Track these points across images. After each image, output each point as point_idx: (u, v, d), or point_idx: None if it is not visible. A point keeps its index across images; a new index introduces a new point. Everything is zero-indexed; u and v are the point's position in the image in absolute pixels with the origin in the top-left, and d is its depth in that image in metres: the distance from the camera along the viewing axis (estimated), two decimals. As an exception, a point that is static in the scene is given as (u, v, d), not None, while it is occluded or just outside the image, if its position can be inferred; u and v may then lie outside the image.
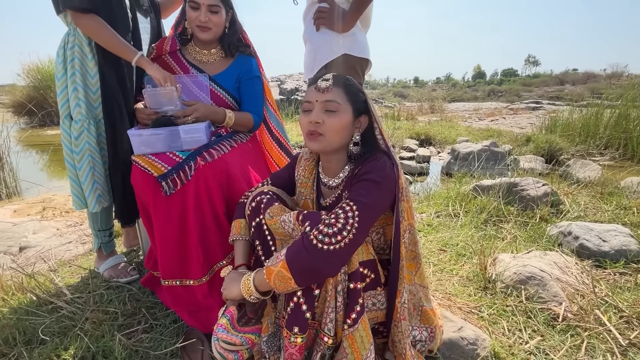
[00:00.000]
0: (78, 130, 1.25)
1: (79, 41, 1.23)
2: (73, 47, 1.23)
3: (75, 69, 1.22)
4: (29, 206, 2.74)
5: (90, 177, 1.27)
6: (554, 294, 1.26)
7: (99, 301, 1.27)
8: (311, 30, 1.37)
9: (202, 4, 1.29)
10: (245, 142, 1.42)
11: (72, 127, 1.25)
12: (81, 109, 1.24)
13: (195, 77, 1.38)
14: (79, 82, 1.23)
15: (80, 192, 1.31)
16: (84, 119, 1.25)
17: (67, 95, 1.25)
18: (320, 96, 0.86)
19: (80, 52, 1.23)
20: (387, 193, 0.81)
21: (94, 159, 1.28)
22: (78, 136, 1.25)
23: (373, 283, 0.85)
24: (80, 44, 1.23)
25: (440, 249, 1.80)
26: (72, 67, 1.22)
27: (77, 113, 1.25)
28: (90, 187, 1.28)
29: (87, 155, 1.26)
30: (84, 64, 1.24)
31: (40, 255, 1.84)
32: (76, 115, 1.25)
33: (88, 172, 1.27)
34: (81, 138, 1.25)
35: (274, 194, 0.99)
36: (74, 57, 1.22)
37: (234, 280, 0.86)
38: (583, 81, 25.35)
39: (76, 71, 1.22)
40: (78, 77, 1.23)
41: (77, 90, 1.23)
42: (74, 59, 1.22)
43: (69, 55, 1.23)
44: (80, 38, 1.23)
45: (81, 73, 1.23)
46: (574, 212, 2.19)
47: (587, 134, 4.96)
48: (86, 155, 1.26)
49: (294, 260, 0.73)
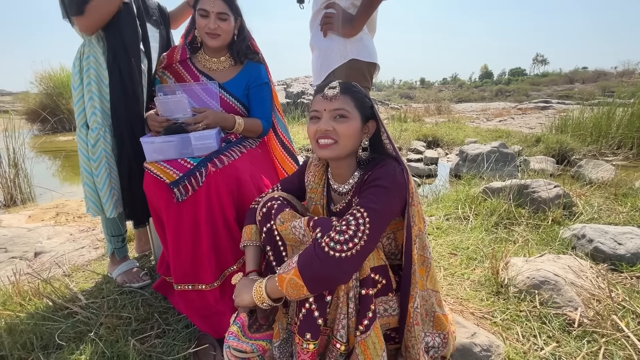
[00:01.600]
0: (95, 138, 1.28)
1: (94, 52, 1.27)
2: (88, 57, 1.27)
3: (91, 78, 1.26)
4: (42, 212, 2.80)
5: (107, 183, 1.31)
6: (569, 298, 1.24)
7: (112, 306, 1.29)
8: (318, 36, 1.37)
9: (211, 12, 1.31)
10: (255, 147, 1.44)
11: (89, 135, 1.29)
12: (97, 117, 1.27)
13: (205, 85, 1.40)
14: (95, 91, 1.27)
15: (97, 199, 1.34)
16: (100, 127, 1.28)
17: (84, 105, 1.29)
18: (328, 105, 0.86)
19: (96, 62, 1.27)
20: (398, 199, 0.80)
21: (110, 165, 1.31)
22: (95, 144, 1.29)
23: (385, 289, 0.85)
24: (95, 54, 1.27)
25: (450, 253, 1.79)
26: (88, 76, 1.26)
27: (93, 122, 1.28)
28: (108, 193, 1.31)
29: (104, 162, 1.30)
30: (99, 73, 1.28)
31: (55, 260, 1.88)
32: (92, 124, 1.28)
33: (105, 178, 1.30)
34: (98, 145, 1.29)
35: (285, 199, 0.99)
36: (90, 67, 1.26)
37: (246, 287, 0.87)
38: (593, 79, 24.91)
39: (92, 81, 1.26)
40: (94, 86, 1.26)
41: (93, 99, 1.27)
42: (90, 69, 1.26)
43: (85, 66, 1.27)
44: (95, 48, 1.27)
45: (96, 82, 1.27)
46: (587, 214, 2.14)
47: (599, 133, 4.86)
48: (103, 162, 1.30)
49: (306, 268, 0.73)
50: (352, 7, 1.31)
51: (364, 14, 1.25)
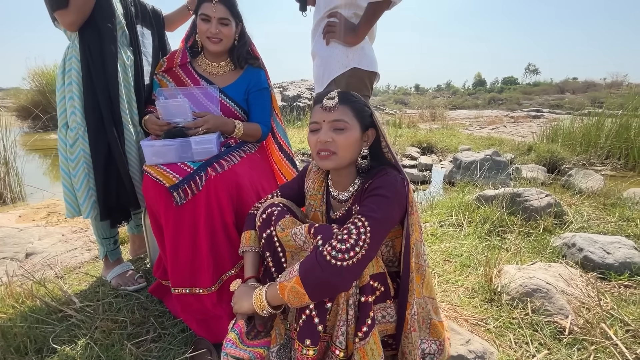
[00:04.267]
0: (73, 138, 1.27)
1: (76, 52, 1.26)
2: (71, 58, 1.26)
3: (72, 78, 1.26)
4: (33, 211, 2.75)
5: (85, 183, 1.29)
6: (560, 306, 1.27)
7: (107, 309, 1.28)
8: (320, 45, 1.40)
9: (213, 17, 1.32)
10: (254, 152, 1.45)
11: (68, 134, 1.28)
12: (76, 117, 1.26)
13: (205, 89, 1.41)
14: (75, 91, 1.26)
15: (74, 200, 1.32)
16: (79, 127, 1.27)
17: (65, 105, 1.28)
18: (327, 115, 0.88)
19: (77, 63, 1.26)
20: (398, 208, 0.82)
21: (89, 166, 1.29)
22: (73, 144, 1.27)
23: (383, 296, 0.86)
24: (77, 55, 1.26)
25: (444, 260, 1.81)
26: (70, 77, 1.26)
27: (72, 121, 1.27)
28: (85, 193, 1.29)
29: (82, 162, 1.28)
30: (79, 73, 1.27)
31: (47, 261, 1.86)
32: (72, 123, 1.27)
33: (83, 178, 1.28)
34: (76, 145, 1.27)
35: (285, 205, 1.00)
36: (72, 67, 1.26)
37: (245, 294, 0.87)
38: (583, 90, 25.49)
39: (73, 81, 1.26)
40: (74, 86, 1.26)
41: (73, 99, 1.26)
42: (72, 70, 1.26)
43: (67, 66, 1.27)
44: (77, 49, 1.26)
45: (77, 83, 1.26)
46: (577, 223, 2.20)
47: (589, 143, 4.98)
48: (81, 162, 1.28)
49: (308, 276, 0.74)
50: (354, 17, 1.33)
51: (366, 23, 1.28)
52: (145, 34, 1.50)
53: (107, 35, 1.27)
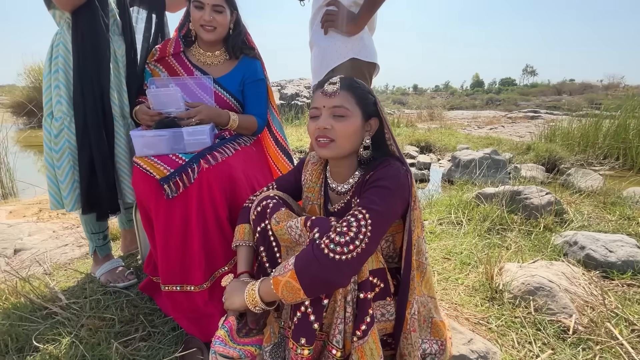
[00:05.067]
0: (58, 128, 1.21)
1: (65, 39, 1.21)
2: (58, 44, 1.21)
3: (59, 66, 1.20)
4: (25, 207, 2.69)
5: (70, 176, 1.23)
6: (563, 305, 1.23)
7: (95, 307, 1.23)
8: (319, 34, 1.35)
9: (206, 4, 1.28)
10: (249, 145, 1.40)
11: (52, 124, 1.22)
12: (62, 106, 1.21)
13: (199, 79, 1.36)
14: (62, 80, 1.21)
15: (57, 192, 1.26)
16: (64, 117, 1.21)
17: (51, 94, 1.23)
18: (327, 101, 0.83)
19: (65, 50, 1.21)
20: (400, 200, 0.78)
21: (74, 157, 1.24)
22: (58, 134, 1.22)
23: (382, 293, 0.82)
24: (65, 41, 1.21)
25: (444, 257, 1.77)
26: (56, 64, 1.20)
27: (57, 110, 1.22)
28: (69, 186, 1.24)
29: (67, 153, 1.22)
30: (67, 61, 1.21)
31: (35, 258, 1.80)
32: (57, 113, 1.22)
33: (68, 171, 1.23)
34: (61, 136, 1.22)
35: (280, 198, 0.96)
36: (59, 54, 1.21)
37: (237, 289, 0.83)
38: (580, 91, 25.61)
39: (59, 69, 1.20)
40: (61, 74, 1.20)
41: (59, 88, 1.21)
42: (58, 57, 1.21)
43: (54, 53, 1.21)
44: (65, 36, 1.21)
45: (64, 71, 1.21)
46: (577, 222, 2.17)
47: (587, 143, 4.97)
48: (66, 154, 1.22)
49: (304, 271, 0.70)
50: (354, 6, 1.29)
51: (367, 12, 1.24)
52: (141, 18, 1.44)
53: (100, 22, 1.21)
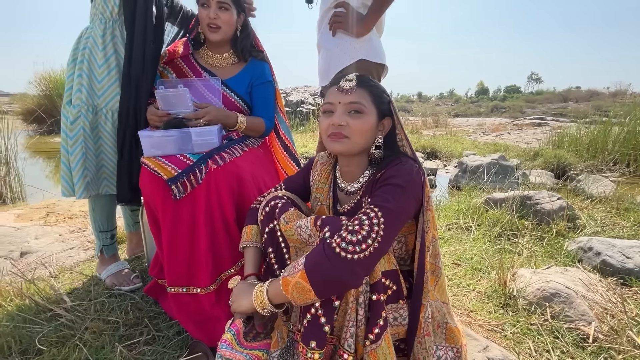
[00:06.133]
0: (75, 115, 1.26)
1: (94, 33, 1.28)
2: (88, 37, 1.28)
3: (85, 57, 1.27)
4: (32, 211, 2.70)
5: (81, 163, 1.26)
6: (581, 312, 1.18)
7: (100, 309, 1.21)
8: (327, 36, 1.35)
9: (212, 1, 1.28)
10: (257, 147, 1.39)
11: (70, 111, 1.27)
12: (82, 94, 1.26)
13: (207, 81, 1.36)
14: (85, 69, 1.27)
15: (70, 179, 1.29)
16: (82, 105, 1.26)
17: (72, 82, 1.29)
18: (343, 97, 0.82)
19: (93, 43, 1.28)
20: (413, 199, 0.76)
21: (87, 145, 1.27)
22: (74, 120, 1.26)
23: (395, 295, 0.79)
24: (94, 35, 1.28)
25: (454, 263, 1.73)
26: (82, 55, 1.27)
27: (76, 98, 1.27)
28: (80, 173, 1.26)
29: (81, 140, 1.26)
30: (93, 53, 1.28)
31: (41, 260, 1.79)
32: (75, 100, 1.27)
33: (80, 157, 1.26)
34: (77, 123, 1.26)
35: (289, 198, 0.94)
36: (86, 46, 1.28)
37: (244, 291, 0.81)
38: (586, 99, 25.40)
39: (85, 59, 1.27)
40: (85, 65, 1.27)
41: (82, 77, 1.27)
42: (86, 48, 1.28)
43: (82, 44, 1.28)
44: (96, 30, 1.28)
45: (89, 62, 1.27)
46: (591, 228, 2.11)
47: (596, 149, 4.90)
48: (80, 141, 1.26)
49: (315, 270, 0.67)
50: (362, 7, 1.29)
51: (375, 13, 1.23)
52: (171, 31, 1.51)
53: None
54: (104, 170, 1.35)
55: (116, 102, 1.30)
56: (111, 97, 1.30)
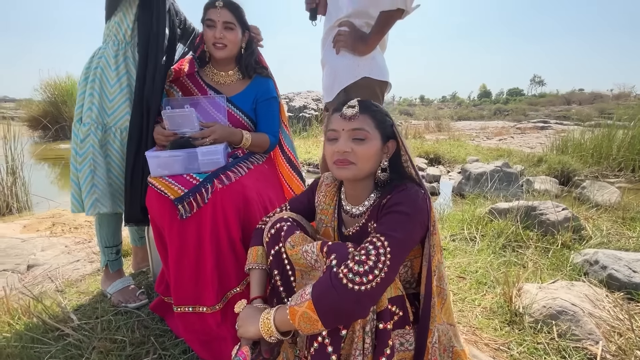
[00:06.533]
0: (85, 133, 1.29)
1: (107, 54, 1.31)
2: (101, 57, 1.31)
3: (97, 76, 1.30)
4: (38, 221, 2.73)
5: (89, 179, 1.28)
6: (588, 331, 1.18)
7: (106, 328, 1.22)
8: (330, 54, 1.36)
9: (217, 21, 1.30)
10: (262, 163, 1.40)
11: (80, 129, 1.30)
12: (92, 112, 1.29)
13: (213, 99, 1.37)
14: (97, 88, 1.30)
15: (79, 195, 1.31)
16: (92, 123, 1.29)
17: (84, 100, 1.31)
18: (346, 124, 0.83)
19: (105, 63, 1.31)
20: (419, 226, 0.76)
21: (96, 162, 1.30)
22: (84, 138, 1.29)
23: (401, 321, 0.79)
24: (107, 55, 1.31)
25: (459, 276, 1.73)
26: (95, 74, 1.30)
27: (87, 116, 1.29)
28: (88, 189, 1.28)
29: (90, 158, 1.28)
30: (105, 72, 1.31)
31: (48, 274, 1.81)
32: (85, 119, 1.30)
33: (88, 174, 1.28)
34: (86, 141, 1.28)
35: (294, 220, 0.94)
36: (99, 65, 1.31)
37: (251, 317, 0.81)
38: (590, 101, 25.27)
39: (96, 78, 1.30)
40: (97, 84, 1.30)
41: (93, 96, 1.30)
42: (98, 67, 1.31)
43: (95, 64, 1.31)
44: (109, 51, 1.31)
45: (100, 81, 1.30)
46: (596, 238, 2.10)
47: (600, 155, 4.87)
48: (89, 158, 1.28)
49: (322, 301, 0.68)
50: (365, 26, 1.30)
51: (378, 33, 1.24)
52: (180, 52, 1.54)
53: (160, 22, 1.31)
54: (113, 188, 1.37)
55: (125, 121, 1.32)
56: (121, 116, 1.32)
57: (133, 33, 1.32)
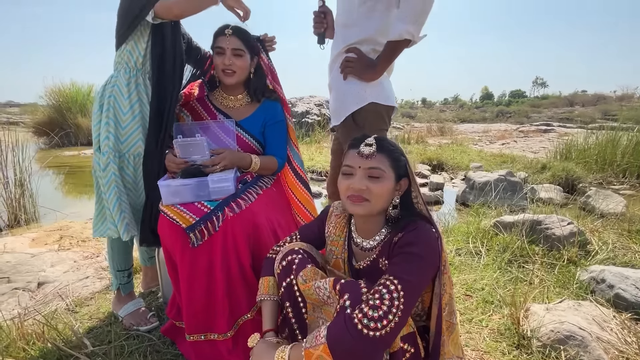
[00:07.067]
0: (105, 162, 1.31)
1: (119, 82, 1.33)
2: (113, 86, 1.33)
3: (110, 104, 1.32)
4: (46, 234, 2.75)
5: (117, 206, 1.30)
6: (596, 357, 1.18)
7: (119, 353, 1.24)
8: (338, 79, 1.38)
9: (226, 49, 1.33)
10: (270, 186, 1.42)
11: (100, 158, 1.32)
12: (109, 141, 1.31)
13: (222, 123, 1.40)
14: (112, 117, 1.32)
15: (113, 220, 1.32)
16: (110, 151, 1.30)
17: (100, 129, 1.34)
18: (363, 162, 0.84)
19: (118, 91, 1.33)
20: (431, 267, 0.77)
21: (119, 189, 1.32)
22: (105, 167, 1.31)
23: (412, 358, 0.80)
24: (119, 84, 1.33)
25: (465, 294, 1.73)
26: (108, 102, 1.32)
27: (104, 145, 1.32)
28: (118, 215, 1.30)
29: (114, 186, 1.31)
30: (117, 100, 1.33)
31: (58, 292, 1.83)
32: (104, 147, 1.32)
33: (115, 202, 1.30)
34: (108, 169, 1.31)
35: (305, 252, 0.96)
36: (112, 94, 1.33)
37: (266, 353, 0.82)
38: (593, 103, 25.16)
39: (110, 107, 1.32)
40: (111, 112, 1.32)
41: (109, 125, 1.31)
42: (111, 96, 1.32)
43: (108, 92, 1.33)
44: (120, 80, 1.33)
45: (114, 109, 1.32)
46: (602, 253, 2.10)
47: (604, 161, 4.85)
48: (112, 186, 1.31)
49: (337, 346, 0.69)
50: (372, 52, 1.32)
51: (385, 61, 1.26)
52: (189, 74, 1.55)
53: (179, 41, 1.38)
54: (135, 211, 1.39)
55: (137, 147, 1.34)
56: (133, 143, 1.34)
57: (144, 60, 1.34)
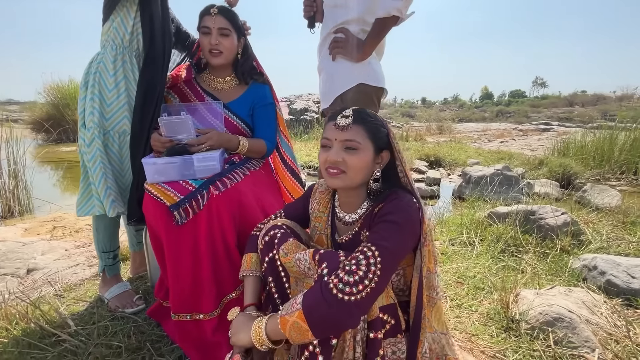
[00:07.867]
0: (90, 138, 1.30)
1: (105, 59, 1.32)
2: (99, 62, 1.33)
3: (96, 81, 1.32)
4: (39, 225, 2.74)
5: (103, 182, 1.29)
6: (585, 338, 1.17)
7: (103, 334, 1.22)
8: (327, 60, 1.37)
9: (212, 28, 1.32)
10: (258, 169, 1.41)
11: (85, 134, 1.32)
12: (94, 117, 1.30)
13: (210, 105, 1.38)
14: (97, 93, 1.31)
15: (99, 196, 1.31)
16: (95, 127, 1.30)
17: (85, 105, 1.33)
18: (339, 134, 0.83)
19: (104, 68, 1.32)
20: (411, 236, 0.76)
21: (105, 165, 1.31)
22: (90, 143, 1.30)
23: (393, 329, 0.79)
24: (105, 61, 1.32)
25: (456, 282, 1.72)
26: (94, 79, 1.32)
27: (89, 121, 1.31)
28: (103, 192, 1.30)
29: (99, 161, 1.30)
30: (103, 77, 1.32)
31: (47, 278, 1.82)
32: (88, 123, 1.31)
33: (100, 177, 1.29)
34: (93, 145, 1.30)
35: (288, 227, 0.95)
36: (97, 71, 1.32)
37: (244, 325, 0.81)
38: (592, 103, 25.15)
39: (96, 83, 1.31)
40: (97, 88, 1.31)
41: (94, 101, 1.31)
42: (97, 73, 1.32)
43: (93, 69, 1.33)
44: (107, 57, 1.32)
45: (99, 85, 1.32)
46: (596, 243, 2.09)
47: (602, 157, 4.85)
48: (98, 162, 1.30)
49: (312, 311, 0.68)
50: (361, 33, 1.31)
51: (374, 39, 1.25)
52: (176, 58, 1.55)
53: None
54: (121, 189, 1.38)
55: (123, 125, 1.33)
56: (118, 121, 1.33)
57: (132, 37, 1.33)
